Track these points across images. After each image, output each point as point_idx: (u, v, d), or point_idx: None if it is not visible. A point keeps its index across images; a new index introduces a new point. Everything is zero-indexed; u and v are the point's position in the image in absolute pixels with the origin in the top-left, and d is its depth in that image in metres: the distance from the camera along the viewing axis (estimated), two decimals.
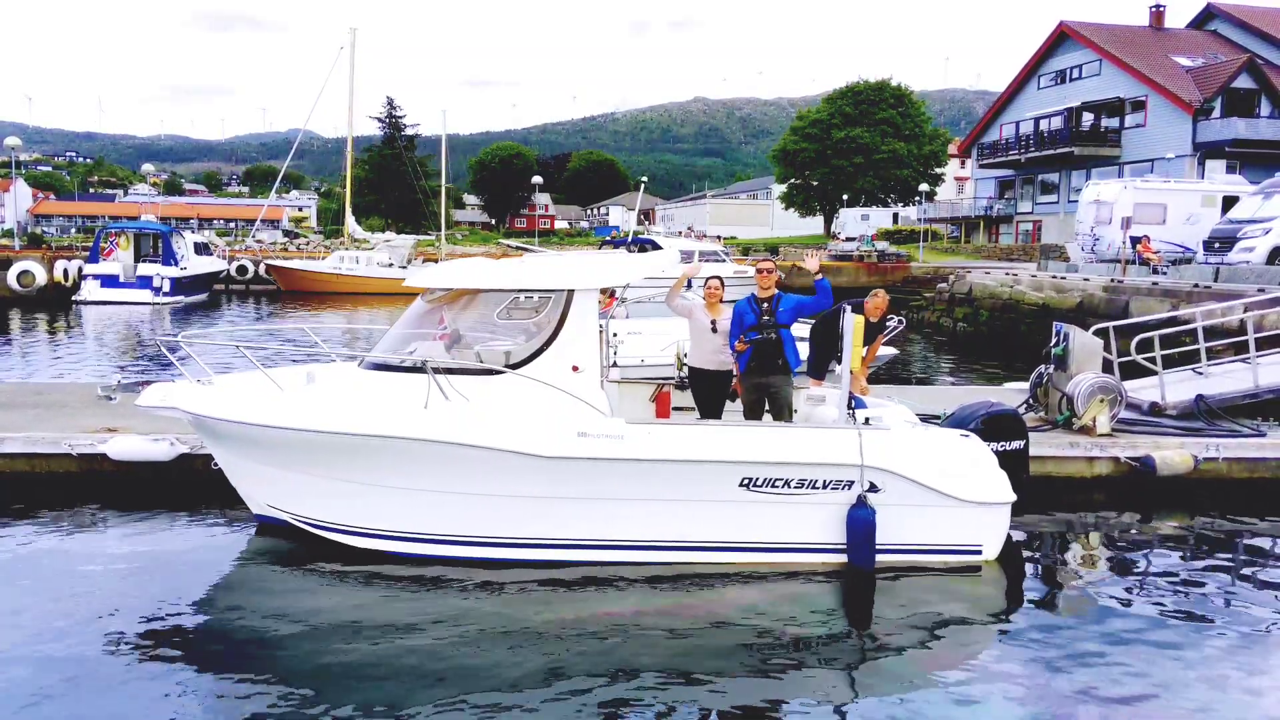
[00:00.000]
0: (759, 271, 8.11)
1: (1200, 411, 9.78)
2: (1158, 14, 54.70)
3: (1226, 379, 10.57)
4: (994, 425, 7.56)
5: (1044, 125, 54.26)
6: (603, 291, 14.46)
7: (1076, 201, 54.59)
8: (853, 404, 8.09)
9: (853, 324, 6.75)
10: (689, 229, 62.38)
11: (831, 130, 70.90)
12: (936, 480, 7.08)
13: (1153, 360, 10.36)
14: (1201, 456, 8.85)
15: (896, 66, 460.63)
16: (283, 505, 7.84)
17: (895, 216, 73.34)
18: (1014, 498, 7.25)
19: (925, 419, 8.45)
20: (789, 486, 7.08)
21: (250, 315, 36.61)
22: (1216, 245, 22.85)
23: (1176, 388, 10.37)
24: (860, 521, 7.02)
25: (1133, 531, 8.76)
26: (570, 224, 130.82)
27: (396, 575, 7.27)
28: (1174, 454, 8.70)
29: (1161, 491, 8.98)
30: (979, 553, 7.31)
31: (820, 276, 8.08)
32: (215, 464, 8.41)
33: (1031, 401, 10.05)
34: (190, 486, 9.04)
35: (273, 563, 7.68)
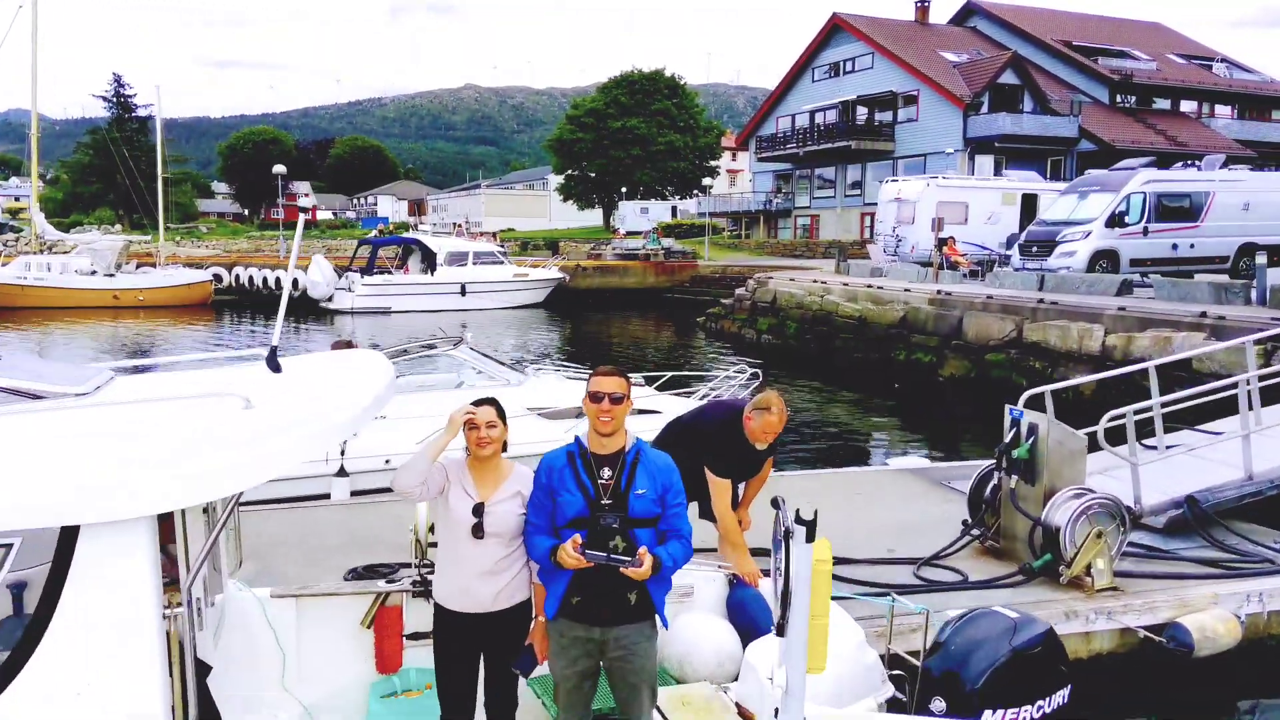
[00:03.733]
0: (597, 400, 3.69)
1: (1194, 520, 6.81)
2: (923, 9, 55.33)
3: (1201, 464, 7.68)
4: (1023, 673, 4.01)
5: (820, 118, 53.65)
6: None
7: (854, 196, 54.70)
8: (736, 587, 4.40)
9: (718, 489, 2.90)
10: (459, 225, 57.49)
11: (608, 120, 68.19)
12: None
13: (1115, 438, 7.17)
14: (1244, 614, 5.80)
15: (661, 61, 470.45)
16: None
17: (674, 210, 71.98)
18: None
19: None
20: None
21: None
22: (1034, 249, 21.16)
23: (1143, 479, 7.34)
24: None
25: None
26: (335, 214, 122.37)
27: None
28: (1212, 618, 5.56)
29: (1188, 666, 5.85)
30: None
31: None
32: None
33: (971, 525, 6.66)
34: None
35: None
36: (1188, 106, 52.17)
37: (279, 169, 43.36)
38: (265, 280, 37.66)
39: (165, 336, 29.99)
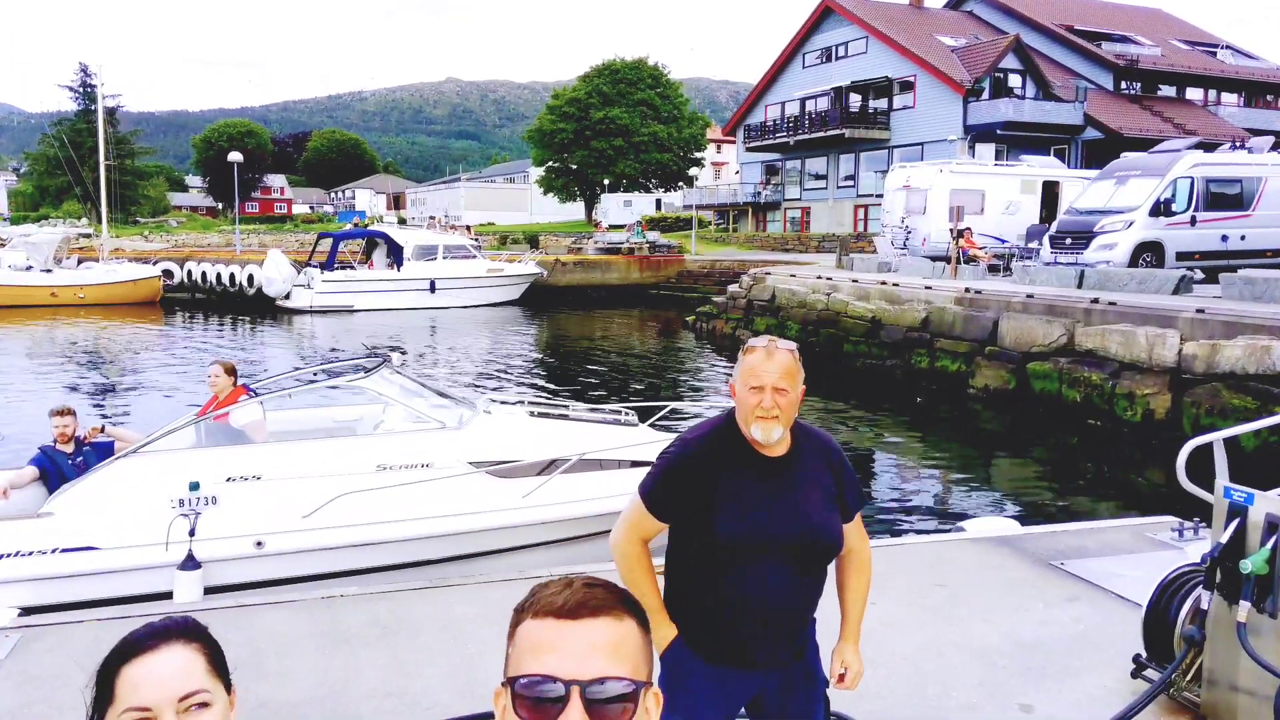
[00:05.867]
0: (536, 708, 1.13)
1: None
2: None
3: None
4: None
5: (811, 106, 51.27)
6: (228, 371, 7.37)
7: (847, 187, 52.32)
8: None
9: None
10: (432, 218, 54.92)
11: (590, 110, 65.84)
12: None
13: None
14: None
15: (644, 53, 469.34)
16: None
17: (658, 203, 69.89)
18: None
19: None
20: None
21: None
22: (1068, 241, 18.83)
23: None
24: None
25: None
26: (312, 208, 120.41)
27: None
28: None
29: None
30: None
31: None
32: None
33: (1147, 661, 4.22)
34: None
35: None
36: (1193, 94, 50.11)
37: (234, 156, 40.66)
38: (219, 276, 34.94)
39: (105, 339, 27.34)
